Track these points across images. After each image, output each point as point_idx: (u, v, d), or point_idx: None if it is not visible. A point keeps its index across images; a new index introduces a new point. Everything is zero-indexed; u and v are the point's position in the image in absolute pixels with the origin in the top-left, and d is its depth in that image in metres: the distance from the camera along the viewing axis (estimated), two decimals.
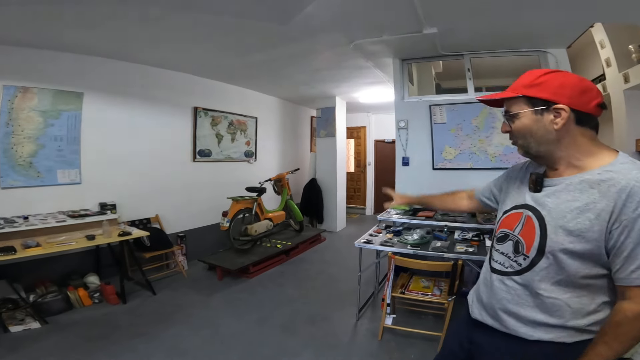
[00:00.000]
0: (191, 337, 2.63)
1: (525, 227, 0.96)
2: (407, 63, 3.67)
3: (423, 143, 3.70)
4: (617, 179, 0.82)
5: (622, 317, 0.82)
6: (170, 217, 4.27)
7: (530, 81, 0.92)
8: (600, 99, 0.90)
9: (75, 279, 3.33)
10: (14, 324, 2.63)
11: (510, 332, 0.97)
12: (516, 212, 1.01)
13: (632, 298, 0.82)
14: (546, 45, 3.09)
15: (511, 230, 1.00)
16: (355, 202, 8.05)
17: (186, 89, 4.41)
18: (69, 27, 2.71)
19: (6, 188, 3.01)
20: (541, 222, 0.92)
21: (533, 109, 0.91)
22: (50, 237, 2.92)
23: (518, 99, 0.94)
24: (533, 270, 0.92)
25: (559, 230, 0.87)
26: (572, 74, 0.92)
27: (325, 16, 2.48)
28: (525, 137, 0.95)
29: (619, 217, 0.80)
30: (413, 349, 2.43)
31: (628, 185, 0.79)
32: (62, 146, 3.35)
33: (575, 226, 0.85)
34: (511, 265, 0.98)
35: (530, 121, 0.92)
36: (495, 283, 1.02)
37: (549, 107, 0.89)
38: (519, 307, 0.95)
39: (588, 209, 0.84)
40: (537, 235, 0.91)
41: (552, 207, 0.91)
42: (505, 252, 1.01)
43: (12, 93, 2.98)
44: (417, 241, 2.74)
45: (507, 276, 0.99)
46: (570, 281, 0.88)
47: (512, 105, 0.96)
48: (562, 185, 0.92)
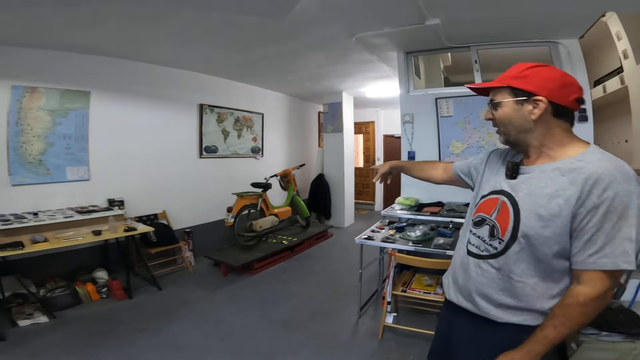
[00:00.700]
0: (191, 332, 2.65)
1: (501, 212, 1.01)
2: (412, 56, 3.57)
3: (429, 137, 3.61)
4: (586, 168, 0.86)
5: (573, 300, 0.88)
6: (178, 213, 4.32)
7: (516, 73, 0.96)
8: (579, 94, 0.94)
9: (84, 274, 3.41)
10: (22, 318, 2.70)
11: (482, 314, 1.03)
12: (493, 198, 1.06)
13: (586, 282, 0.87)
14: (557, 35, 2.95)
15: (488, 215, 1.05)
16: (364, 198, 7.98)
17: (191, 86, 4.44)
18: (74, 27, 2.75)
19: (16, 185, 3.09)
20: (515, 207, 0.96)
21: (515, 99, 0.96)
22: (58, 233, 2.99)
23: (503, 89, 0.99)
24: (507, 254, 0.97)
25: (531, 215, 0.92)
26: (556, 68, 0.96)
27: (322, 10, 2.43)
28: (505, 125, 1.01)
29: (585, 203, 0.84)
30: (413, 348, 2.38)
31: (595, 173, 0.84)
32: (70, 144, 3.43)
33: (546, 211, 0.89)
34: (486, 248, 1.03)
35: (511, 110, 0.98)
36: (471, 266, 1.07)
37: (529, 98, 0.94)
38: (491, 290, 1.00)
39: (558, 195, 0.88)
40: (511, 220, 0.96)
41: (525, 193, 0.96)
42: (481, 236, 1.05)
43: (20, 93, 3.05)
44: (419, 238, 2.67)
45: (483, 259, 1.03)
46: (539, 266, 0.93)
47: (497, 94, 1.01)
48: (535, 172, 0.97)
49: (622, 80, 3.61)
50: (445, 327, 1.21)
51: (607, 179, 0.82)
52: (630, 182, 0.83)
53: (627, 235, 0.82)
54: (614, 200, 0.82)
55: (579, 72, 2.96)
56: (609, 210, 0.82)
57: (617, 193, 0.82)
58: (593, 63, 4.14)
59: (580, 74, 2.96)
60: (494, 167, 1.14)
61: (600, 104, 4.20)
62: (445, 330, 1.21)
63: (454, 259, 1.20)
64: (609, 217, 0.82)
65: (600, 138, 4.52)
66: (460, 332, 1.13)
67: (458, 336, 1.14)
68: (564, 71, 0.97)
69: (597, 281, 0.86)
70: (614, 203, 0.82)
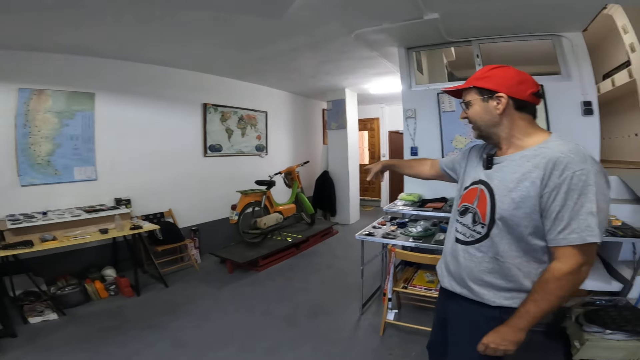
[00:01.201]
0: (196, 328, 2.70)
1: (480, 199, 1.11)
2: (413, 51, 3.54)
3: (432, 132, 3.59)
4: (546, 152, 0.98)
5: (550, 275, 0.96)
6: (184, 211, 4.39)
7: (480, 75, 1.10)
8: (535, 88, 1.06)
9: (93, 272, 3.50)
10: (33, 315, 2.78)
11: (477, 299, 1.10)
12: (473, 188, 1.17)
13: (559, 258, 0.96)
14: (560, 29, 2.89)
15: (471, 203, 1.15)
16: (370, 195, 7.97)
17: (194, 86, 4.48)
18: (78, 30, 2.79)
19: (26, 186, 3.17)
20: (491, 193, 1.07)
21: (481, 97, 1.09)
22: (66, 231, 3.06)
23: (471, 90, 1.12)
24: (490, 236, 1.07)
25: (505, 198, 1.03)
26: (513, 68, 1.09)
27: (319, 7, 2.43)
28: (476, 121, 1.13)
29: (548, 183, 0.95)
30: (415, 345, 2.38)
31: (554, 156, 0.95)
32: (77, 145, 3.50)
33: (517, 193, 1.00)
34: (472, 234, 1.13)
35: (479, 107, 1.10)
36: (460, 253, 1.16)
37: (492, 95, 1.07)
38: (481, 273, 1.09)
39: (525, 179, 0.99)
40: (489, 205, 1.07)
41: (498, 179, 1.08)
42: (466, 224, 1.15)
43: (27, 96, 3.12)
44: (420, 233, 2.67)
45: (470, 245, 1.13)
46: (520, 245, 1.03)
47: (467, 95, 1.14)
48: (506, 161, 1.08)
49: (631, 74, 3.52)
50: (442, 315, 1.29)
51: (565, 160, 0.93)
52: (586, 162, 0.92)
53: (589, 210, 0.90)
54: (572, 179, 0.91)
55: (583, 65, 2.91)
56: (570, 189, 0.91)
57: (575, 172, 0.91)
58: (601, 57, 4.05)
59: (585, 67, 2.91)
60: (473, 161, 1.25)
61: (610, 98, 4.10)
62: (442, 318, 1.28)
63: (445, 249, 1.29)
64: (571, 194, 0.91)
65: (610, 132, 4.43)
66: (456, 318, 1.20)
67: (454, 322, 1.21)
68: (519, 70, 1.08)
69: (569, 257, 0.94)
70: (574, 181, 0.91)
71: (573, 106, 2.95)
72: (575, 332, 2.02)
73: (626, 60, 3.61)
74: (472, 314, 1.12)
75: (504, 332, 1.01)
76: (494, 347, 1.02)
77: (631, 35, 3.16)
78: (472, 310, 1.12)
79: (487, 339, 1.04)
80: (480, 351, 1.05)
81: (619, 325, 1.89)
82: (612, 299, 2.17)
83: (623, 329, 1.87)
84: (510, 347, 1.01)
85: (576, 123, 2.94)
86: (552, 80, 3.03)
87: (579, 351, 1.94)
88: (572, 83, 2.96)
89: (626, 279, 2.27)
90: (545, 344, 2.29)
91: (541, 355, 2.17)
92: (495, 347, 1.02)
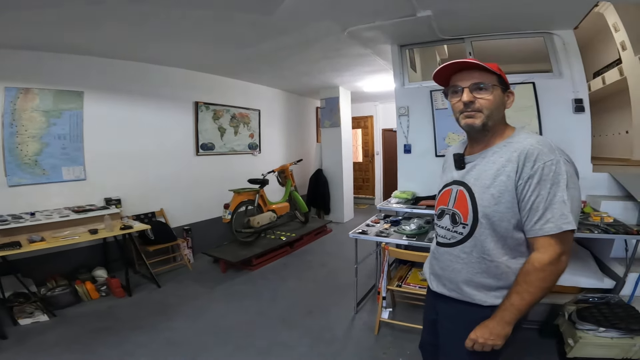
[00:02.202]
0: (189, 328, 2.67)
1: (458, 199, 1.11)
2: (406, 49, 3.53)
3: (425, 130, 3.57)
4: (518, 146, 1.00)
5: (530, 267, 0.97)
6: (176, 210, 4.34)
7: (497, 67, 1.07)
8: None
9: (84, 272, 3.44)
10: (23, 317, 2.73)
11: (467, 300, 1.09)
12: (447, 189, 1.17)
13: (538, 249, 0.97)
14: (551, 26, 2.90)
15: (446, 205, 1.15)
16: (364, 193, 7.97)
17: (185, 84, 4.42)
18: (65, 28, 2.74)
19: (13, 186, 3.11)
20: (470, 192, 1.07)
21: (501, 87, 1.07)
22: (55, 232, 3.01)
23: (493, 75, 1.06)
24: (473, 236, 1.06)
25: (484, 195, 1.03)
26: None
27: (311, 4, 2.40)
28: (492, 110, 1.06)
29: (521, 175, 0.97)
30: (409, 344, 2.37)
31: (524, 149, 0.98)
32: (65, 144, 3.43)
33: (495, 189, 1.01)
34: (453, 236, 1.12)
35: (498, 97, 1.07)
36: (445, 255, 1.15)
37: (506, 89, 1.09)
38: (470, 274, 1.08)
39: (500, 173, 1.01)
40: (469, 204, 1.06)
41: (474, 177, 1.08)
42: (445, 226, 1.15)
43: (13, 94, 3.05)
44: (413, 231, 2.66)
45: (453, 247, 1.12)
46: (505, 242, 1.03)
47: (488, 78, 1.05)
48: (478, 159, 1.10)
49: (621, 72, 3.56)
50: (432, 316, 1.28)
51: (535, 152, 0.96)
52: (555, 152, 0.96)
53: (562, 198, 0.93)
54: (544, 169, 0.94)
55: (575, 63, 2.92)
56: (542, 179, 0.94)
57: (546, 163, 0.94)
58: (592, 55, 4.09)
59: (576, 65, 2.92)
60: (446, 165, 1.28)
61: (601, 96, 4.16)
62: (432, 319, 1.28)
63: (431, 252, 1.29)
64: (543, 185, 0.94)
65: (600, 130, 4.48)
66: (447, 319, 1.20)
67: (445, 322, 1.21)
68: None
69: (547, 247, 0.95)
70: (545, 172, 0.94)
71: (564, 104, 2.96)
72: (569, 330, 2.03)
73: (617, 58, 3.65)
74: (463, 314, 1.12)
75: (490, 327, 1.01)
76: (482, 342, 1.02)
77: (622, 33, 3.19)
78: (463, 310, 1.11)
79: (474, 334, 1.03)
80: (468, 347, 1.05)
81: (612, 322, 1.90)
82: (604, 296, 2.18)
83: (616, 327, 1.88)
84: (498, 341, 1.00)
85: (567, 120, 2.95)
86: (543, 78, 3.04)
87: (572, 349, 1.94)
88: (563, 81, 2.97)
89: (618, 276, 2.29)
90: (538, 342, 2.30)
91: (535, 354, 2.18)
92: (483, 342, 1.01)
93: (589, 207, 2.63)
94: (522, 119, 3.03)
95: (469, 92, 1.05)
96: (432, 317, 1.28)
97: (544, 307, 2.40)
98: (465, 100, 1.05)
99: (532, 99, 3.02)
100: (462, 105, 1.07)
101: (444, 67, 1.09)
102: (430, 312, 1.30)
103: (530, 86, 3.02)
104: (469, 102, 1.05)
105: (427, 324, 1.36)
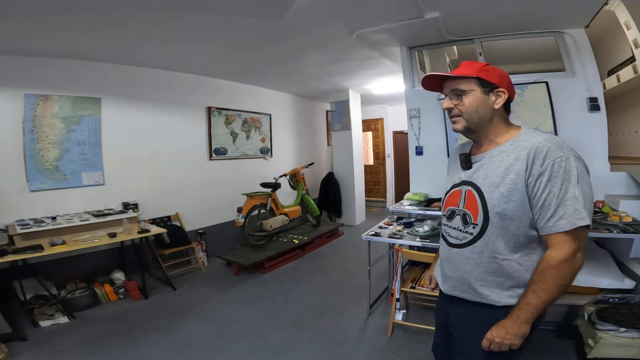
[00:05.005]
0: (203, 330, 2.71)
1: (468, 200, 1.11)
2: (415, 50, 3.54)
3: (437, 131, 3.56)
4: (525, 144, 1.00)
5: (545, 265, 0.96)
6: (190, 214, 4.41)
7: (480, 67, 1.07)
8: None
9: (102, 275, 3.53)
10: (43, 319, 2.80)
11: (481, 300, 1.09)
12: (456, 190, 1.17)
13: (552, 246, 0.96)
14: (562, 25, 2.88)
15: (456, 206, 1.15)
16: (376, 195, 7.95)
17: (198, 89, 4.52)
18: (81, 35, 2.82)
19: (35, 191, 3.21)
20: (479, 192, 1.07)
21: (482, 89, 1.07)
22: (75, 236, 3.09)
23: (470, 79, 1.08)
24: (485, 236, 1.05)
25: (493, 194, 1.03)
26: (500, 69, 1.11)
27: (319, 8, 2.43)
28: (471, 113, 1.08)
29: (531, 172, 0.97)
30: (423, 345, 2.36)
31: (532, 147, 0.97)
32: (84, 150, 3.54)
33: (504, 187, 1.01)
34: (464, 236, 1.11)
35: (478, 99, 1.07)
36: (456, 257, 1.14)
37: (492, 89, 1.07)
38: (483, 274, 1.07)
39: (509, 172, 1.01)
40: (479, 204, 1.06)
41: (482, 177, 1.08)
42: (456, 227, 1.14)
43: (33, 101, 3.17)
44: (427, 233, 2.65)
45: (464, 247, 1.11)
46: (517, 241, 1.02)
47: (463, 83, 1.08)
48: (485, 158, 1.10)
49: (636, 70, 3.49)
50: (443, 319, 1.27)
51: (544, 149, 0.95)
52: (563, 148, 0.96)
53: (574, 194, 0.92)
54: (553, 166, 0.93)
55: (587, 61, 2.89)
56: (553, 176, 0.94)
57: (555, 159, 0.94)
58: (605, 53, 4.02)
59: (589, 63, 2.89)
60: (452, 166, 1.28)
61: (615, 94, 4.07)
62: (444, 322, 1.26)
63: (440, 254, 1.27)
64: (554, 181, 0.94)
65: (617, 128, 4.38)
66: (460, 321, 1.18)
67: (458, 325, 1.19)
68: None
69: (562, 243, 0.94)
70: (555, 168, 0.93)
71: (579, 103, 2.92)
72: (588, 331, 2.00)
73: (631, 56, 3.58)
74: (476, 315, 1.10)
75: (507, 326, 0.99)
76: (498, 342, 1.00)
77: (634, 31, 3.14)
78: (477, 311, 1.10)
79: (490, 333, 1.02)
80: (485, 347, 1.03)
81: (632, 323, 1.87)
82: (624, 296, 2.14)
83: (636, 327, 1.85)
84: (515, 340, 0.98)
85: (583, 119, 2.91)
86: (556, 77, 3.01)
87: (592, 349, 1.92)
88: (576, 79, 2.93)
89: (638, 276, 2.24)
90: (555, 343, 2.27)
91: (552, 354, 2.15)
92: (500, 342, 1.00)
93: (607, 207, 2.58)
94: (535, 119, 3.00)
95: (448, 99, 1.11)
96: (444, 320, 1.27)
97: (562, 308, 2.37)
98: (444, 108, 1.13)
99: (546, 99, 2.99)
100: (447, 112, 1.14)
101: (424, 80, 1.17)
102: (442, 315, 1.29)
103: (543, 86, 2.99)
104: (449, 108, 1.12)
105: (438, 327, 1.35)
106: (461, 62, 1.14)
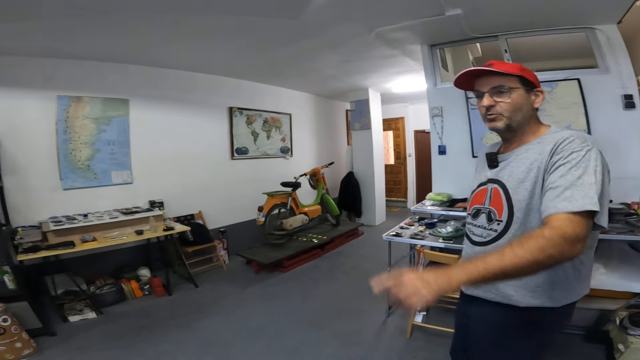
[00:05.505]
0: (221, 328, 2.76)
1: (494, 197, 1.11)
2: (436, 48, 3.46)
3: (460, 130, 3.47)
4: (550, 140, 1.00)
5: (538, 232, 0.85)
6: (212, 213, 4.51)
7: (520, 67, 1.07)
8: None
9: (129, 271, 3.65)
10: (73, 314, 2.92)
11: (503, 300, 1.06)
12: (482, 189, 1.18)
13: (547, 223, 0.87)
14: (592, 21, 2.74)
15: (481, 204, 1.15)
16: (396, 195, 7.85)
17: (220, 90, 4.62)
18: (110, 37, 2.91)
19: (67, 189, 3.38)
20: (504, 189, 1.07)
21: (524, 88, 1.07)
22: (105, 232, 3.23)
23: (513, 77, 1.06)
24: (509, 232, 1.04)
25: (518, 190, 1.03)
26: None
27: (337, 7, 2.42)
28: (514, 111, 1.07)
29: (550, 161, 0.96)
30: (442, 348, 2.31)
31: (557, 141, 0.97)
32: (114, 150, 3.69)
33: (529, 183, 1.01)
34: (488, 234, 1.10)
35: (521, 98, 1.07)
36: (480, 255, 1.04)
37: (532, 89, 1.08)
38: None
39: (532, 168, 1.01)
40: (504, 200, 1.06)
41: (508, 174, 1.08)
42: (481, 225, 1.14)
43: (66, 103, 3.33)
44: (450, 234, 2.59)
45: (488, 245, 1.10)
46: None
47: (507, 81, 1.06)
48: (512, 157, 1.10)
49: None
50: (463, 320, 1.26)
51: (566, 139, 0.95)
52: (587, 140, 0.94)
53: (589, 181, 0.88)
54: (571, 154, 0.92)
55: (621, 58, 2.74)
56: (568, 161, 0.92)
57: (574, 149, 0.92)
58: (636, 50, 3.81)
59: (622, 60, 2.74)
60: (479, 166, 1.29)
61: None
62: (464, 324, 1.25)
63: (464, 254, 1.26)
64: (570, 168, 0.90)
65: None
66: (478, 322, 1.17)
67: (476, 326, 1.18)
68: None
69: (566, 222, 0.83)
70: (572, 156, 0.92)
71: (613, 100, 2.78)
72: (620, 336, 1.96)
73: None
74: (495, 315, 1.09)
75: (438, 272, 0.81)
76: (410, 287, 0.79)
77: None
78: (498, 312, 1.08)
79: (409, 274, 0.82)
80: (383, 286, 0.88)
81: None
82: None
83: None
84: (425, 293, 0.77)
85: (618, 117, 2.77)
86: (588, 74, 2.87)
87: (622, 354, 1.86)
88: (610, 76, 2.79)
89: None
90: (582, 347, 2.19)
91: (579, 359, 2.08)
92: (411, 286, 0.79)
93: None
94: (567, 117, 2.87)
95: (489, 97, 1.08)
96: (464, 322, 1.25)
97: (593, 312, 2.28)
98: (485, 105, 1.09)
99: (578, 96, 2.85)
100: (485, 110, 1.10)
101: (461, 75, 1.13)
102: (462, 317, 1.27)
103: (575, 83, 2.86)
104: (490, 106, 1.08)
105: (458, 330, 1.34)
106: (487, 61, 1.11)
